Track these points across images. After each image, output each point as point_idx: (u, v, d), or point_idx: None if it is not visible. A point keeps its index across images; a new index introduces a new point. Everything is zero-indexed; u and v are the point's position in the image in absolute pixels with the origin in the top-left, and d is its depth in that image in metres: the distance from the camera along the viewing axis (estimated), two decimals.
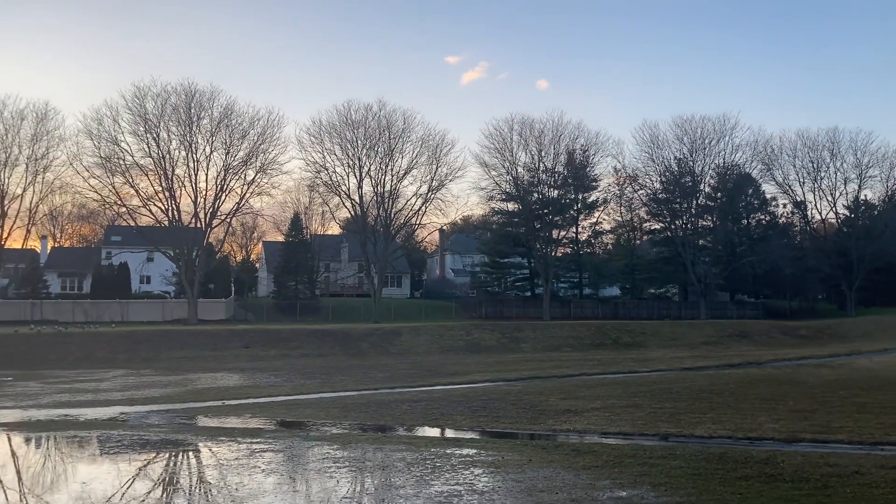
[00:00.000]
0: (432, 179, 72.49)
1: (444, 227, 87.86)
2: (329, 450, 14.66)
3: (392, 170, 71.83)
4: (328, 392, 27.12)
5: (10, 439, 18.22)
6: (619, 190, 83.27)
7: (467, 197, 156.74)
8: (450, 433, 17.96)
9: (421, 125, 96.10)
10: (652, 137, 79.16)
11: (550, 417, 19.32)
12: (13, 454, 16.75)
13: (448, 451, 14.26)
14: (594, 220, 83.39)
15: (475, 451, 14.47)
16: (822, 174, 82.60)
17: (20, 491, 12.91)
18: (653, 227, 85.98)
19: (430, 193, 72.63)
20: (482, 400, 23.03)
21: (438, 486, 11.11)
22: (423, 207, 73.23)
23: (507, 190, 77.93)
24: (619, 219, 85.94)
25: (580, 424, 18.02)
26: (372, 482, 11.91)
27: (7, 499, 12.43)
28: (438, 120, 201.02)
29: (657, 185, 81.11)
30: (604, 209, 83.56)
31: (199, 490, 11.93)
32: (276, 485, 11.72)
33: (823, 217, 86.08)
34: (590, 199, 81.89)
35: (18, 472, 14.82)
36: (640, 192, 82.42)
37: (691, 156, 79.25)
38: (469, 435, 17.46)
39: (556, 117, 78.68)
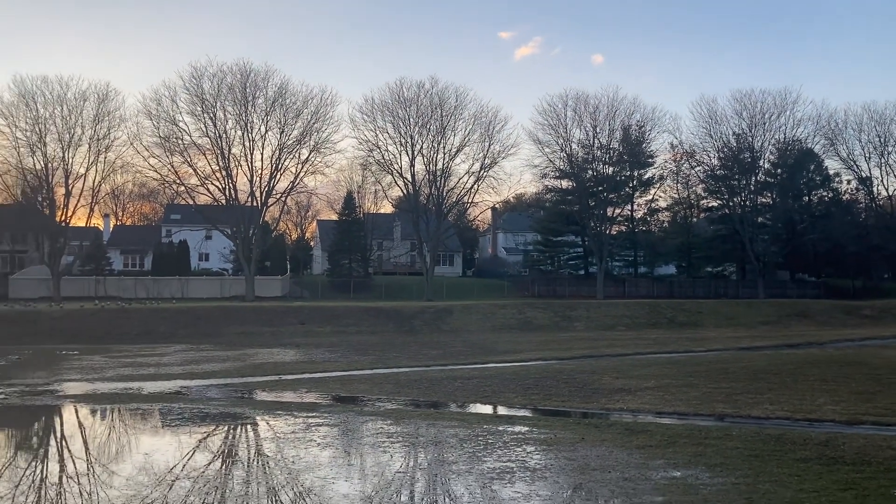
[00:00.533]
0: (485, 157, 72.19)
1: (497, 206, 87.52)
2: (383, 425, 14.86)
3: (444, 147, 71.76)
4: (381, 368, 27.44)
5: (77, 411, 18.93)
6: (675, 166, 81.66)
7: (520, 174, 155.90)
8: (502, 410, 18.01)
9: (473, 102, 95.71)
10: (710, 112, 77.31)
11: (603, 396, 19.21)
12: (80, 425, 17.41)
13: (500, 428, 14.32)
14: (650, 197, 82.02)
15: (527, 428, 14.49)
16: (890, 149, 79.59)
17: (87, 460, 13.42)
18: (710, 205, 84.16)
19: (482, 171, 72.37)
20: (534, 378, 23.01)
21: (491, 463, 11.17)
22: (476, 185, 73.03)
23: (561, 167, 77.13)
24: (676, 196, 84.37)
25: (634, 403, 17.89)
26: (425, 457, 12.04)
27: (76, 468, 12.94)
28: (491, 97, 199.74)
29: (715, 162, 79.30)
30: (660, 186, 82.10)
31: (257, 462, 12.23)
32: (332, 458, 11.94)
33: (890, 194, 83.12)
34: (645, 176, 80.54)
35: (86, 443, 15.40)
36: (697, 168, 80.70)
37: (750, 131, 77.20)
38: (521, 412, 17.49)
39: (612, 93, 77.25)
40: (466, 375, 24.18)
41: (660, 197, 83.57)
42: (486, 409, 18.26)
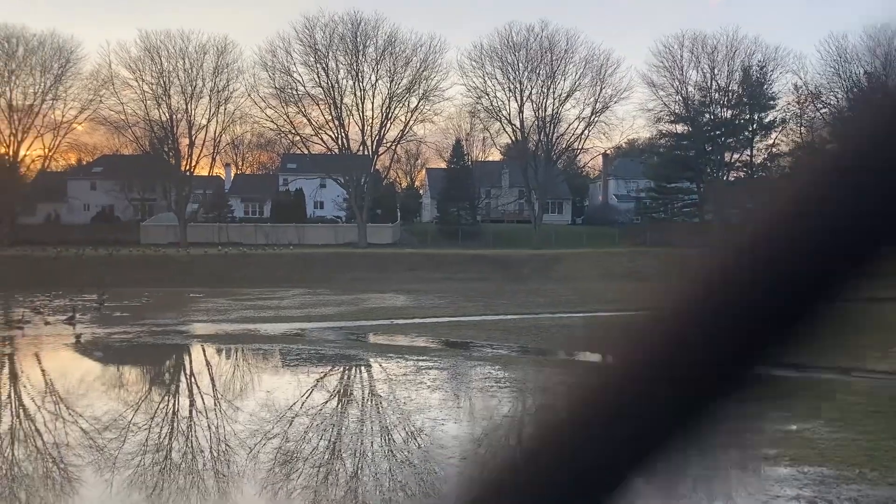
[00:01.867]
0: (596, 102, 70.35)
1: (608, 152, 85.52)
2: (491, 370, 15.08)
3: (554, 93, 70.37)
4: (489, 315, 27.71)
5: (204, 350, 20.15)
6: (799, 109, 77.05)
7: (633, 119, 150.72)
8: (611, 359, 17.88)
9: (584, 45, 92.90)
10: (839, 50, 72.15)
11: None
12: (207, 363, 18.55)
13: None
14: (770, 141, 77.86)
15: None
16: None
17: (214, 396, 14.32)
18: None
19: (593, 116, 70.66)
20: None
21: None
22: (586, 131, 71.48)
23: (676, 111, 74.26)
24: (799, 140, 79.89)
25: None
26: (532, 403, 12.17)
27: (204, 403, 13.84)
28: (602, 39, 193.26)
29: (843, 104, 74.35)
30: (782, 130, 77.75)
31: (371, 402, 12.71)
32: (442, 400, 12.26)
33: None
34: (766, 120, 76.46)
35: (212, 380, 16.42)
36: (823, 111, 75.91)
37: (884, 69, 71.71)
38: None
39: (731, 32, 73.35)
40: (574, 323, 24.09)
41: (781, 141, 79.27)
42: (595, 357, 18.16)
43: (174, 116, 66.12)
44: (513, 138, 73.62)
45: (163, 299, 34.29)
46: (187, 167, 67.10)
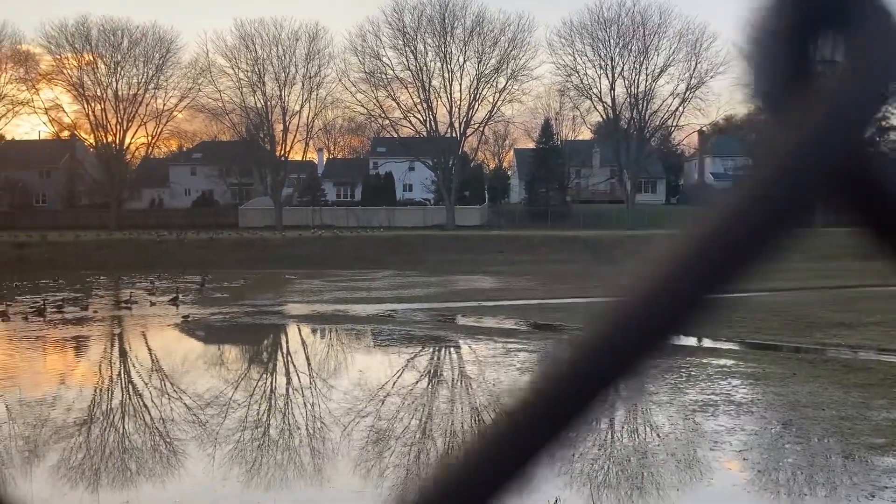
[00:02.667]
0: (691, 77, 68.24)
1: (704, 129, 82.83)
2: None
3: (646, 69, 68.63)
4: (579, 297, 27.41)
5: (299, 330, 20.77)
6: None
7: (730, 94, 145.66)
8: (707, 342, 17.44)
9: (678, 18, 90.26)
10: None
11: (819, 330, 17.99)
12: (303, 343, 19.11)
13: (704, 361, 13.92)
14: (878, 115, 73.81)
15: (733, 361, 13.97)
16: None
17: (309, 375, 14.75)
18: None
19: (688, 92, 68.60)
20: (743, 310, 21.97)
21: (693, 395, 10.93)
22: (681, 108, 69.48)
23: None
24: None
25: (854, 339, 16.60)
26: (625, 387, 12.01)
27: (300, 381, 14.28)
28: (698, 12, 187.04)
29: None
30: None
31: (460, 383, 12.82)
32: (531, 383, 12.25)
33: None
34: None
35: (308, 359, 16.91)
36: None
37: None
38: (727, 345, 16.84)
39: None
40: None
41: (892, 114, 74.89)
42: (690, 341, 17.76)
43: (269, 103, 67.96)
44: (604, 116, 72.30)
45: (260, 281, 35.45)
46: (282, 152, 68.94)
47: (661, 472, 8.38)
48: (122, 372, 15.90)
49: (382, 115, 69.34)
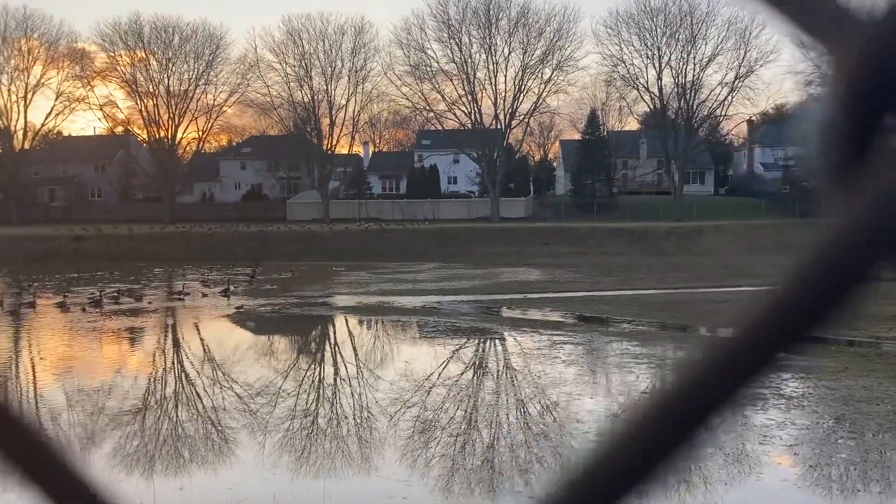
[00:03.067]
0: (740, 66, 66.82)
1: (753, 118, 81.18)
2: (628, 346, 14.86)
3: (694, 58, 67.45)
4: (626, 290, 27.19)
5: (346, 321, 21.02)
6: None
7: (780, 83, 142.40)
8: None
9: (727, 6, 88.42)
10: None
11: (873, 324, 17.56)
12: (350, 334, 19.34)
13: None
14: None
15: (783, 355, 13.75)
16: None
17: (356, 365, 14.94)
18: None
19: (736, 81, 67.20)
20: None
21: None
22: (729, 97, 68.10)
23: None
24: None
25: None
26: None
27: (347, 371, 14.48)
28: None
29: None
30: None
31: (505, 375, 12.86)
32: (577, 375, 12.23)
33: None
34: None
35: (354, 349, 17.12)
36: None
37: None
38: None
39: None
40: (718, 299, 23.23)
41: None
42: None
43: (315, 97, 68.60)
44: (651, 106, 71.36)
45: (308, 273, 35.90)
46: (328, 146, 69.59)
47: (708, 466, 8.32)
48: (175, 362, 16.32)
49: (427, 107, 69.50)
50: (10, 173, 63.61)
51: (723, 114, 72.00)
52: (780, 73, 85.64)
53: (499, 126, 69.64)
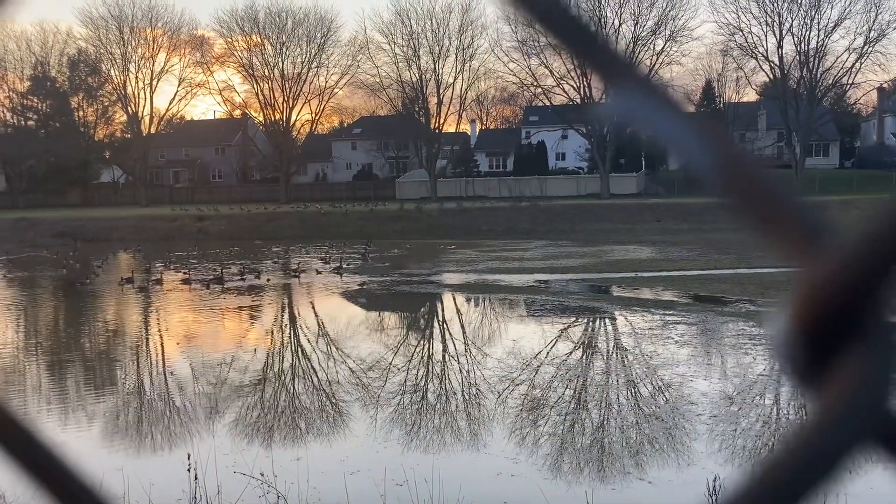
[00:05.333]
0: (869, 30, 62.50)
1: (885, 85, 75.94)
2: (744, 326, 14.32)
3: (818, 24, 63.59)
4: (744, 268, 26.16)
5: (454, 298, 21.21)
6: None
7: None
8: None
9: None
10: None
11: None
12: (458, 311, 19.51)
13: None
14: None
15: None
16: None
17: (465, 342, 15.07)
18: None
19: (866, 47, 62.92)
20: None
21: None
22: (858, 63, 63.88)
23: None
24: None
25: None
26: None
27: (455, 348, 14.64)
28: None
29: None
30: None
31: (616, 355, 12.66)
32: (690, 356, 11.90)
33: None
34: None
35: (462, 327, 17.27)
36: None
37: None
38: None
39: None
40: None
41: None
42: None
43: (423, 76, 69.11)
44: (770, 76, 67.93)
45: (417, 250, 36.41)
46: (436, 125, 70.07)
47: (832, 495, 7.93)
48: (290, 337, 16.96)
49: (535, 83, 68.68)
50: (139, 157, 67.48)
51: (850, 82, 67.65)
52: None
53: (609, 100, 67.96)
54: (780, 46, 65.13)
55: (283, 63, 69.30)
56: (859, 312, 0.35)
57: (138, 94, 68.41)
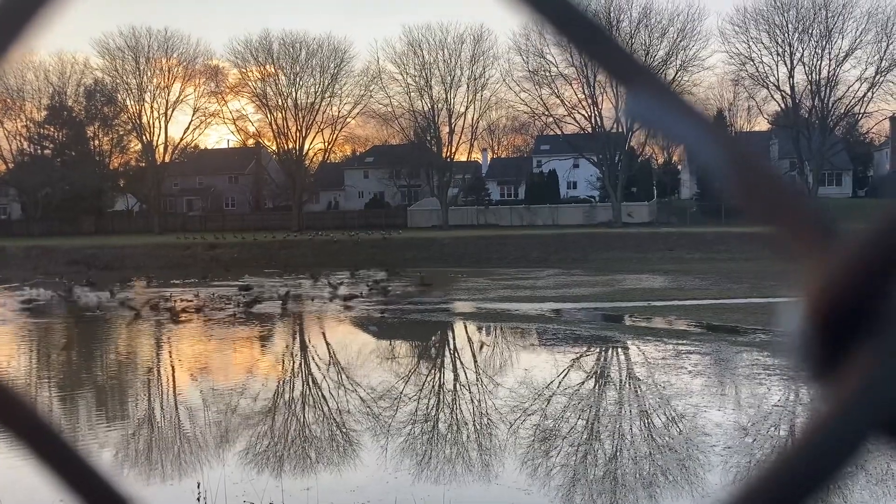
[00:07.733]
0: (881, 59, 62.64)
1: None
2: (759, 356, 14.18)
3: (829, 53, 63.77)
4: (757, 297, 25.97)
5: (465, 327, 21.14)
6: None
7: None
8: None
9: None
10: None
11: None
12: (469, 340, 19.43)
13: None
14: None
15: None
16: None
17: (476, 372, 14.99)
18: None
19: (878, 76, 63.02)
20: None
21: None
22: (869, 93, 63.99)
23: None
24: None
25: None
26: (807, 392, 11.28)
27: (466, 377, 14.55)
28: None
29: None
30: None
31: (628, 385, 12.55)
32: (704, 386, 11.77)
33: None
34: None
35: (473, 356, 17.19)
36: None
37: None
38: None
39: None
40: None
41: None
42: None
43: (435, 106, 69.66)
44: (782, 105, 68.06)
45: (428, 279, 36.39)
46: (448, 154, 70.46)
47: (849, 484, 7.81)
48: (300, 365, 16.92)
49: (546, 112, 69.13)
50: (153, 185, 68.07)
51: (862, 111, 67.75)
52: None
53: (620, 129, 68.30)
54: (791, 76, 65.35)
55: (296, 93, 70.03)
56: (873, 307, 0.36)
57: (153, 124, 69.29)
